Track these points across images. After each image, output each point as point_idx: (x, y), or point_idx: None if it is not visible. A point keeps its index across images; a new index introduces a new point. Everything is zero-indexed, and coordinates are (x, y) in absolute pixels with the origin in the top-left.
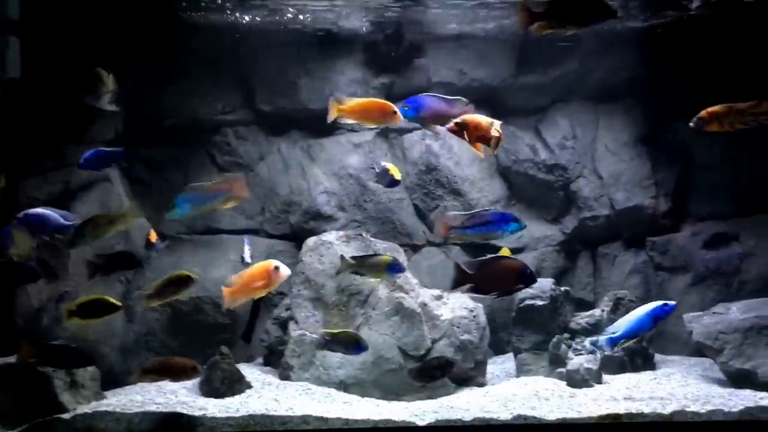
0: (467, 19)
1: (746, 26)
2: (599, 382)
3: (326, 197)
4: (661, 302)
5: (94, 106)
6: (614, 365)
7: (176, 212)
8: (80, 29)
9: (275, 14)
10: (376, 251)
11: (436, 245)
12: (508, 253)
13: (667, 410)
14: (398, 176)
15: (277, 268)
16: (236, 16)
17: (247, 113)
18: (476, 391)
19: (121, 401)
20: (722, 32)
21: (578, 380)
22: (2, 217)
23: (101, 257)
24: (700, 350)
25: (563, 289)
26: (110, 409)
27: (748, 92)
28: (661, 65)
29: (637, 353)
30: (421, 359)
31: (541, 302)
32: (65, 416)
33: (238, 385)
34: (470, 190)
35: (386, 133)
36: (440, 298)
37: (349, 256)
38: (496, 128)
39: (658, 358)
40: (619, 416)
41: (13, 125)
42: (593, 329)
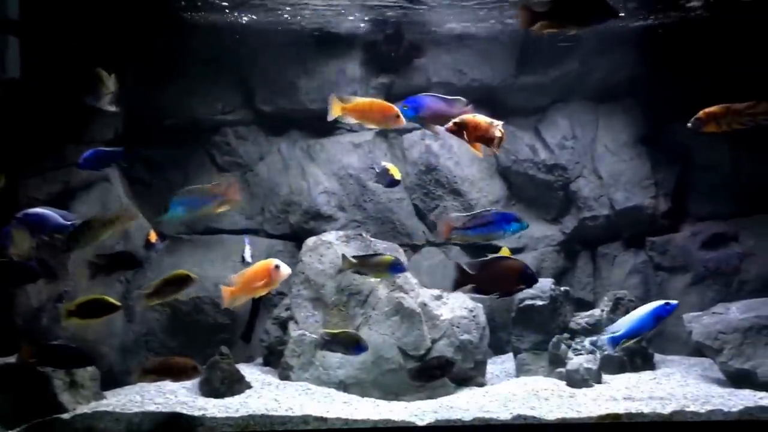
0: (467, 18)
1: (746, 27)
2: (599, 382)
3: (326, 197)
4: (662, 301)
5: (94, 106)
6: (614, 365)
7: (170, 215)
8: (79, 29)
9: (275, 14)
10: (376, 251)
11: (435, 245)
12: (508, 253)
13: (666, 410)
14: (398, 176)
15: (277, 267)
16: (236, 15)
17: (246, 113)
18: (476, 391)
19: (120, 401)
20: (722, 33)
21: (578, 380)
22: (2, 217)
23: (102, 257)
24: (699, 350)
25: (563, 289)
26: (110, 409)
27: (747, 92)
28: (660, 65)
29: (636, 353)
30: (420, 359)
31: (540, 302)
32: (65, 416)
33: (237, 385)
34: (470, 190)
35: (386, 133)
36: (440, 298)
37: (350, 255)
38: (499, 128)
39: (657, 358)
40: (618, 416)
41: (12, 125)
42: (593, 329)
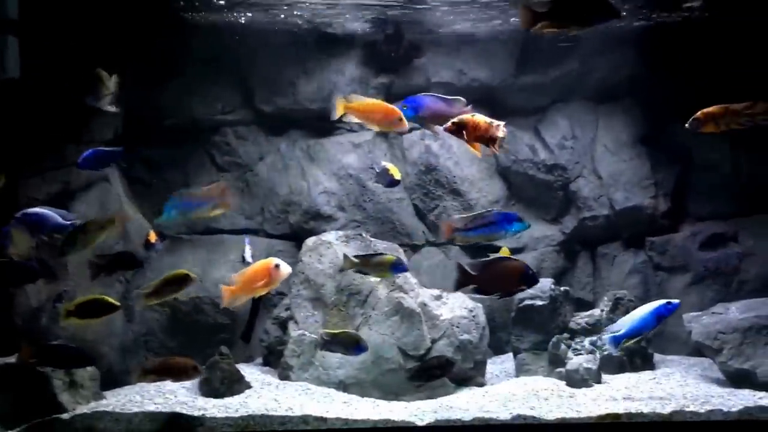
0: (467, 18)
1: (745, 27)
2: (598, 381)
3: (326, 197)
4: (664, 300)
5: (94, 106)
6: (613, 365)
7: (163, 218)
8: (79, 29)
9: (274, 14)
10: (376, 251)
11: (435, 245)
12: (507, 253)
13: (666, 410)
14: (398, 176)
15: (277, 266)
16: (235, 15)
17: (246, 113)
18: (475, 391)
19: (120, 401)
20: (721, 33)
21: (577, 380)
22: (1, 217)
23: (103, 257)
24: (699, 350)
25: (563, 289)
26: (109, 409)
27: (747, 93)
28: (660, 65)
29: (636, 353)
30: (420, 359)
31: (540, 302)
32: (64, 416)
33: (237, 385)
34: (470, 190)
35: (386, 133)
36: (440, 298)
37: (352, 255)
38: (501, 129)
39: (657, 357)
40: (618, 416)
41: (12, 125)
42: (593, 329)
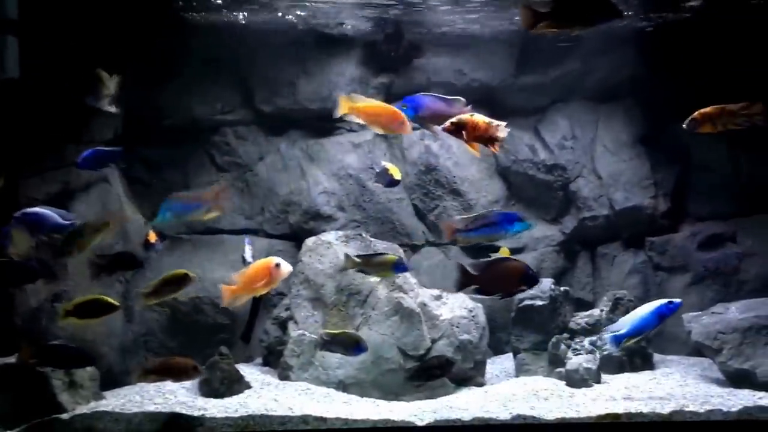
0: (467, 18)
1: (745, 27)
2: (598, 381)
3: (326, 197)
4: (666, 300)
5: (94, 106)
6: (613, 365)
7: (158, 221)
8: (79, 29)
9: (274, 13)
10: (375, 251)
11: (435, 245)
12: (507, 253)
13: (665, 410)
14: (398, 176)
15: (278, 265)
16: (235, 15)
17: (246, 113)
18: (475, 390)
19: (120, 401)
20: (721, 33)
21: (577, 380)
22: (1, 217)
23: (103, 258)
24: (699, 350)
25: (562, 289)
26: (109, 409)
27: (747, 93)
28: (660, 66)
29: (636, 353)
30: (420, 359)
31: (540, 302)
32: (64, 416)
33: (237, 385)
34: (470, 190)
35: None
36: (440, 298)
37: (353, 254)
38: (502, 129)
39: (657, 357)
40: (618, 416)
41: (11, 125)
42: (592, 329)
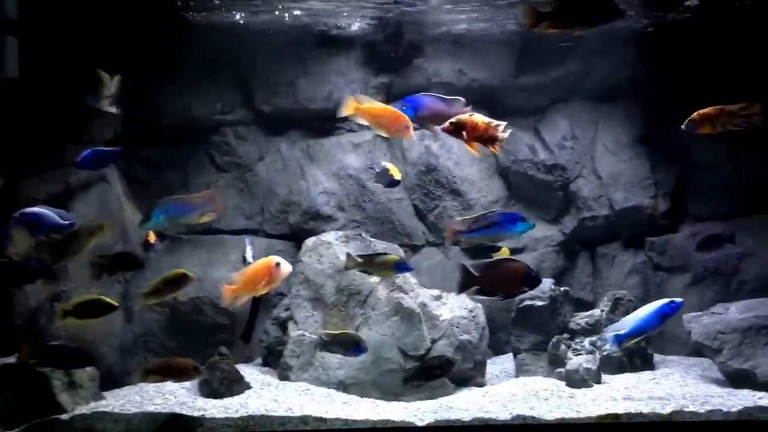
0: (467, 19)
1: (744, 27)
2: (598, 382)
3: (325, 197)
4: (667, 299)
5: (94, 107)
6: (613, 365)
7: (151, 224)
8: (78, 29)
9: (274, 13)
10: (375, 251)
11: (435, 245)
12: (507, 253)
13: (665, 410)
14: (398, 176)
15: (278, 264)
16: (235, 15)
17: (246, 113)
18: (475, 391)
19: (119, 402)
20: (721, 33)
21: (577, 380)
22: (1, 217)
23: (104, 258)
24: (698, 350)
25: (562, 289)
26: (109, 409)
27: (747, 93)
28: (660, 66)
29: (636, 353)
30: (420, 359)
31: (540, 302)
32: (63, 417)
33: (237, 385)
34: (470, 190)
35: None
36: (439, 298)
37: (355, 254)
38: (503, 129)
39: (657, 358)
40: (618, 416)
41: (11, 125)
42: (592, 329)
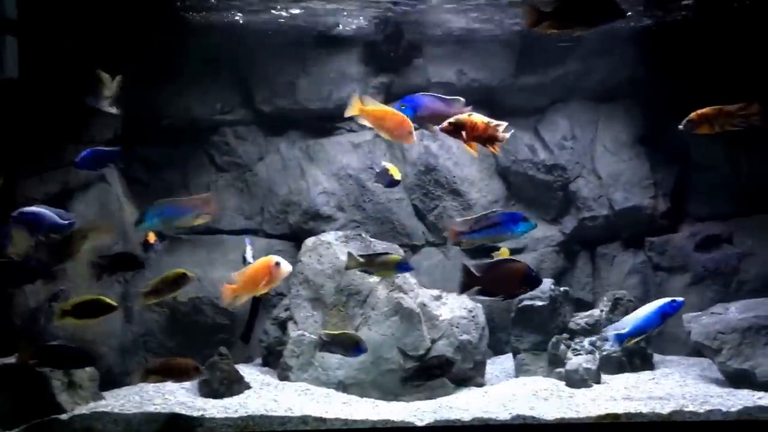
0: (467, 18)
1: (744, 27)
2: (598, 382)
3: (325, 197)
4: (669, 299)
5: (94, 107)
6: (613, 365)
7: (145, 226)
8: (78, 29)
9: (273, 13)
10: (375, 251)
11: (435, 245)
12: (507, 253)
13: (665, 410)
14: (398, 176)
15: (278, 264)
16: (234, 15)
17: (246, 113)
18: (475, 391)
19: (119, 402)
20: (721, 33)
21: (577, 380)
22: (1, 217)
23: (105, 258)
24: (698, 350)
25: (562, 289)
26: (108, 409)
27: (746, 92)
28: (660, 66)
29: (635, 353)
30: (420, 359)
31: (540, 302)
32: (63, 417)
33: (236, 385)
34: (469, 190)
35: None
36: (439, 298)
37: (357, 254)
38: (502, 129)
39: (656, 358)
40: (617, 416)
41: (10, 125)
42: (592, 329)
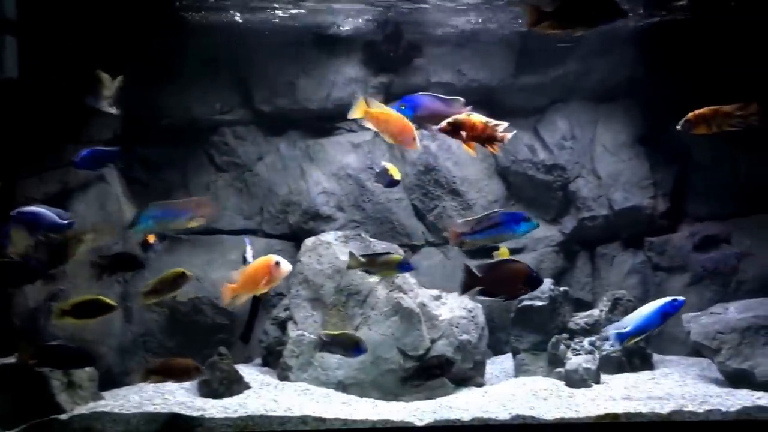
0: (467, 18)
1: (743, 27)
2: (597, 382)
3: (325, 197)
4: (670, 298)
5: (94, 107)
6: (612, 365)
7: (140, 228)
8: (77, 29)
9: (273, 13)
10: (375, 251)
11: (434, 245)
12: (507, 253)
13: (665, 410)
14: (398, 176)
15: (278, 263)
16: (234, 15)
17: (245, 113)
18: (475, 391)
19: (118, 402)
20: (720, 32)
21: (577, 380)
22: (0, 217)
23: (105, 258)
24: (697, 350)
25: (562, 289)
26: (108, 409)
27: (746, 92)
28: (659, 66)
29: (635, 353)
30: (419, 359)
31: (539, 302)
32: (62, 417)
33: (236, 385)
34: (469, 190)
35: None
36: (439, 298)
37: (359, 254)
38: (502, 129)
39: (656, 358)
40: (617, 416)
41: (10, 125)
42: (592, 329)
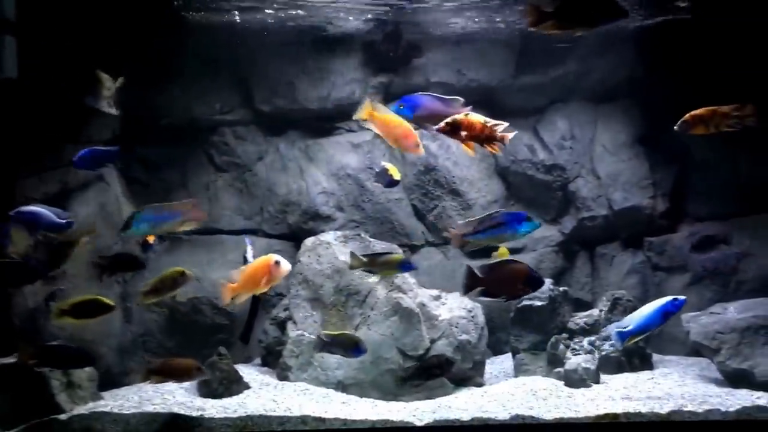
0: (466, 18)
1: (743, 27)
2: (597, 381)
3: (325, 197)
4: (671, 297)
5: (93, 107)
6: (612, 365)
7: (132, 231)
8: (77, 29)
9: (273, 13)
10: (374, 251)
11: (434, 245)
12: (506, 253)
13: (664, 410)
14: (397, 176)
15: (277, 262)
16: (234, 15)
17: (245, 113)
18: (474, 391)
19: (118, 402)
20: (719, 33)
21: (576, 380)
22: (0, 217)
23: (105, 258)
24: (697, 350)
25: (561, 289)
26: (107, 409)
27: (745, 93)
28: (659, 66)
29: (634, 353)
30: (419, 359)
31: (539, 302)
32: (62, 417)
33: (236, 385)
34: (469, 190)
35: None
36: (438, 298)
37: (360, 254)
38: (501, 130)
39: (655, 357)
40: (616, 416)
41: (9, 125)
42: (591, 329)
